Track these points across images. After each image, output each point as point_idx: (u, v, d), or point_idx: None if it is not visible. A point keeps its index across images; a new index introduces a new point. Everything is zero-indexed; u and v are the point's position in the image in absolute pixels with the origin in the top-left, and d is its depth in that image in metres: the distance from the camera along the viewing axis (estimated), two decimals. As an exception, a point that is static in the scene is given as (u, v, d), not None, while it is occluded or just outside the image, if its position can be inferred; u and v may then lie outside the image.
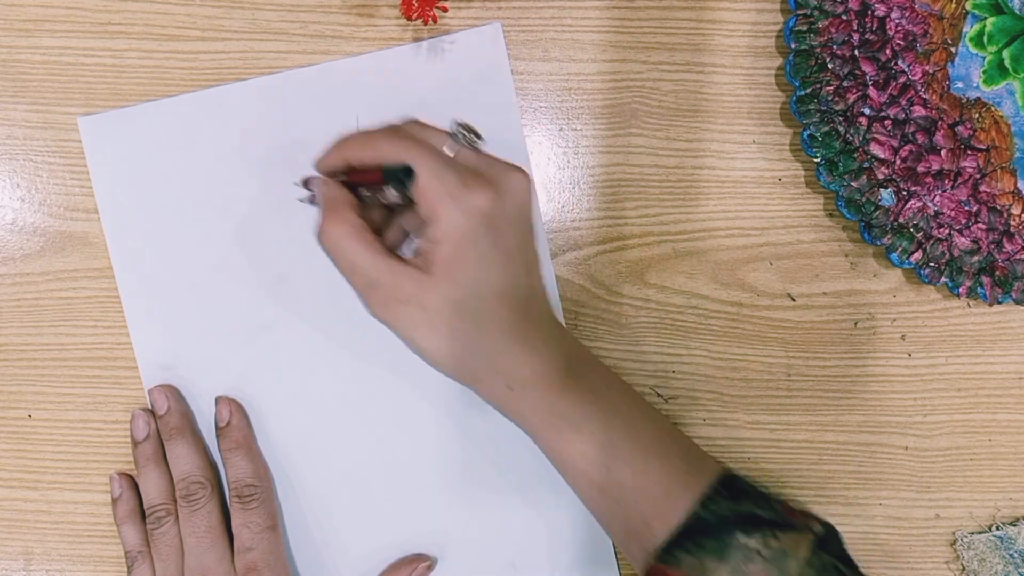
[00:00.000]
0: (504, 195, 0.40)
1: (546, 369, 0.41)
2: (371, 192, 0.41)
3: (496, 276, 0.39)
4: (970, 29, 0.45)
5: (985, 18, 0.45)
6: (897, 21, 0.44)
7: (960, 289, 0.47)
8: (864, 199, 0.46)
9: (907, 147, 0.45)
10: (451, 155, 0.40)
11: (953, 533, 0.49)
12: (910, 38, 0.45)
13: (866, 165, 0.46)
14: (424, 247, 0.40)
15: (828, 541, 0.41)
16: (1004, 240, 0.46)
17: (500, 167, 0.41)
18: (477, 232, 0.39)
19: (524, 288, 0.41)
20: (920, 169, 0.45)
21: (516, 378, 0.40)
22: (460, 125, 0.41)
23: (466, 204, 0.38)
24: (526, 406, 0.41)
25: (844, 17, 0.44)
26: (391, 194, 0.40)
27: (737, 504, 0.40)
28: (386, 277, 0.39)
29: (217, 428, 0.47)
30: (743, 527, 0.39)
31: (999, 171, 0.46)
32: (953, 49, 0.45)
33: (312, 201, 0.44)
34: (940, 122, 0.45)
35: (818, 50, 0.45)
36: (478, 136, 0.41)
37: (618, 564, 0.48)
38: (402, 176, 0.38)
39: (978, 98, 0.45)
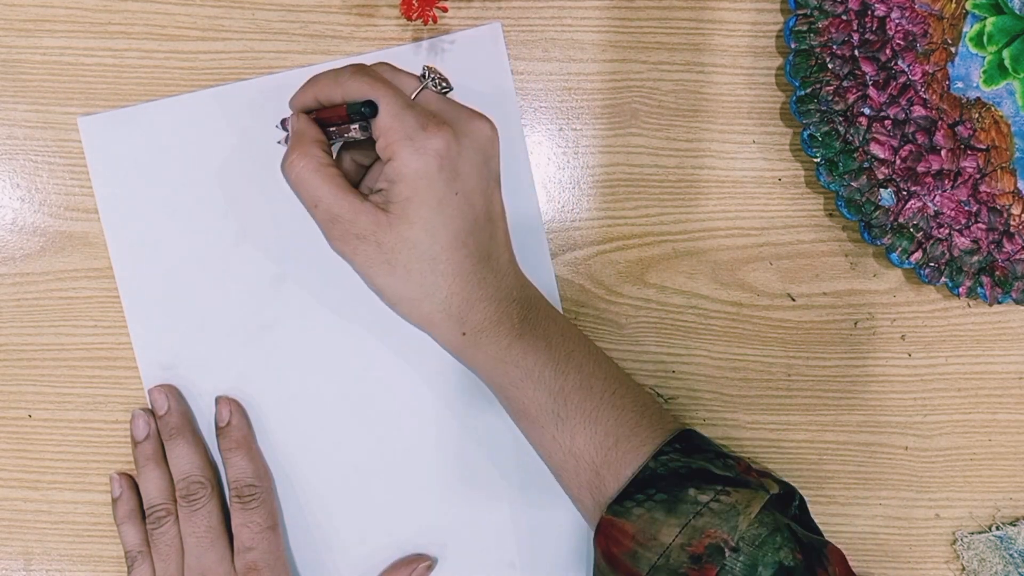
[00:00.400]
0: (463, 139, 0.40)
1: (500, 315, 0.41)
2: (337, 129, 0.42)
3: (453, 219, 0.40)
4: (970, 29, 0.45)
5: (985, 18, 0.45)
6: (897, 21, 0.44)
7: (960, 289, 0.47)
8: (864, 199, 0.46)
9: (907, 147, 0.45)
10: (413, 96, 0.41)
11: (953, 533, 0.49)
12: (910, 38, 0.45)
13: (866, 165, 0.46)
14: (383, 186, 0.40)
15: (784, 501, 0.41)
16: (1004, 240, 0.46)
17: (464, 113, 0.41)
18: (433, 174, 0.39)
19: (483, 233, 0.41)
20: (920, 169, 0.45)
21: (469, 323, 0.41)
22: (430, 69, 0.42)
23: (423, 145, 0.39)
24: (479, 352, 0.42)
25: (844, 17, 0.44)
26: (354, 130, 0.40)
27: (690, 459, 0.40)
28: (346, 212, 0.40)
29: (217, 428, 0.47)
30: (695, 482, 0.39)
31: (999, 171, 0.46)
32: (953, 49, 0.45)
33: (287, 141, 0.45)
34: (940, 122, 0.45)
35: (818, 50, 0.45)
36: (448, 85, 0.42)
37: (618, 564, 0.48)
38: (365, 111, 0.39)
39: (978, 98, 0.45)
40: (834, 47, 0.45)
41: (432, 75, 0.42)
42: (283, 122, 0.45)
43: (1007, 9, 0.44)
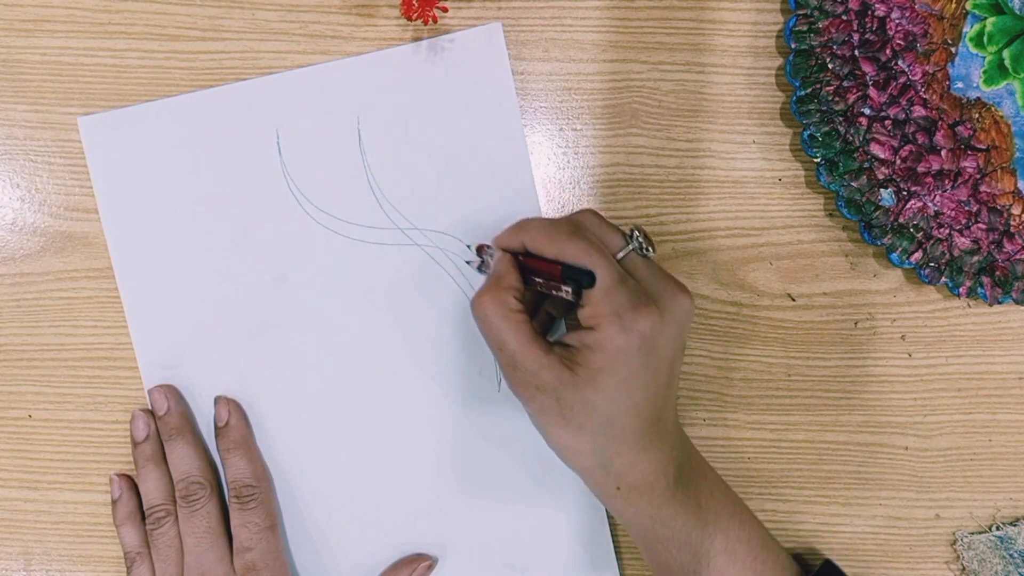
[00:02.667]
0: (666, 317, 0.40)
1: (657, 475, 0.41)
2: (543, 283, 0.41)
3: (638, 391, 0.40)
4: (970, 29, 0.45)
5: (985, 18, 0.45)
6: (897, 21, 0.44)
7: (960, 289, 0.47)
8: (864, 199, 0.46)
9: (907, 147, 0.45)
10: (619, 257, 0.41)
11: (953, 533, 0.49)
12: (910, 38, 0.45)
13: (866, 165, 0.46)
14: (576, 347, 0.40)
15: None
16: (1004, 240, 0.46)
17: (668, 287, 0.41)
18: (632, 352, 0.39)
19: (660, 400, 0.41)
20: (920, 169, 0.45)
21: (627, 480, 0.41)
22: (637, 229, 0.42)
23: (631, 325, 0.39)
24: (629, 507, 0.41)
25: (844, 17, 0.44)
26: (564, 292, 0.40)
27: None
28: (530, 364, 0.40)
29: (216, 428, 0.47)
30: None
31: (999, 171, 0.46)
32: (953, 49, 0.45)
33: (480, 268, 0.46)
34: (940, 122, 0.45)
35: (818, 50, 0.45)
36: (653, 247, 0.42)
37: (618, 564, 0.48)
38: (582, 280, 0.39)
39: (978, 98, 0.45)
40: (834, 47, 0.45)
41: (639, 237, 0.42)
42: (479, 249, 0.45)
43: (1007, 9, 0.44)
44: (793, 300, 0.48)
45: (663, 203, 0.48)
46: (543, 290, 0.41)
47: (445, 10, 0.46)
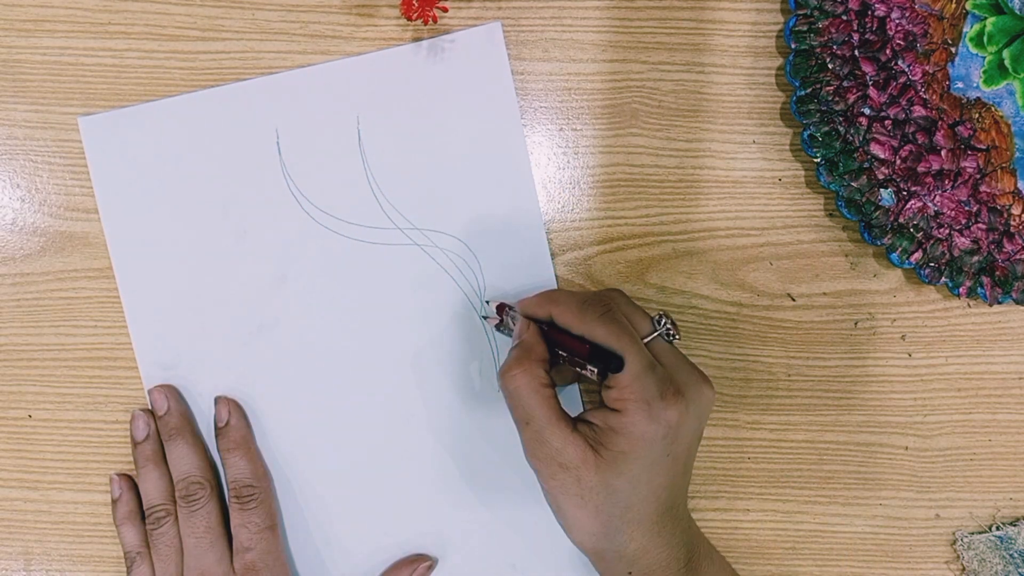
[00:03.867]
0: (691, 408, 0.40)
1: (669, 560, 0.41)
2: (569, 359, 0.41)
3: (657, 478, 0.40)
4: (970, 29, 0.45)
5: (985, 18, 0.45)
6: (897, 21, 0.44)
7: (960, 289, 0.47)
8: (864, 199, 0.46)
9: (907, 147, 0.45)
10: (646, 341, 0.42)
11: (953, 533, 0.49)
12: (910, 38, 0.45)
13: (866, 165, 0.46)
14: (601, 427, 0.40)
15: None
16: (1004, 240, 0.46)
17: (694, 377, 0.41)
18: (657, 440, 0.39)
19: (677, 487, 0.41)
20: (920, 169, 0.45)
21: (639, 565, 0.41)
22: (665, 315, 0.43)
23: (658, 414, 0.39)
24: None
25: (844, 17, 0.44)
26: (590, 372, 0.41)
27: None
28: (556, 441, 0.40)
29: (216, 428, 0.47)
30: None
31: (999, 171, 0.46)
32: (953, 49, 0.45)
33: (498, 327, 0.45)
34: (940, 122, 0.45)
35: (818, 50, 0.45)
36: (678, 332, 0.43)
37: (618, 564, 0.48)
38: (610, 364, 0.40)
39: (978, 98, 0.45)
40: (834, 47, 0.45)
41: (666, 324, 0.42)
42: (499, 308, 0.45)
43: (1007, 9, 0.44)
44: (793, 300, 0.48)
45: (663, 203, 0.48)
46: (569, 364, 0.42)
47: (445, 10, 0.46)
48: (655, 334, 0.42)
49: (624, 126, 0.47)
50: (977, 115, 0.45)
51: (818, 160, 0.46)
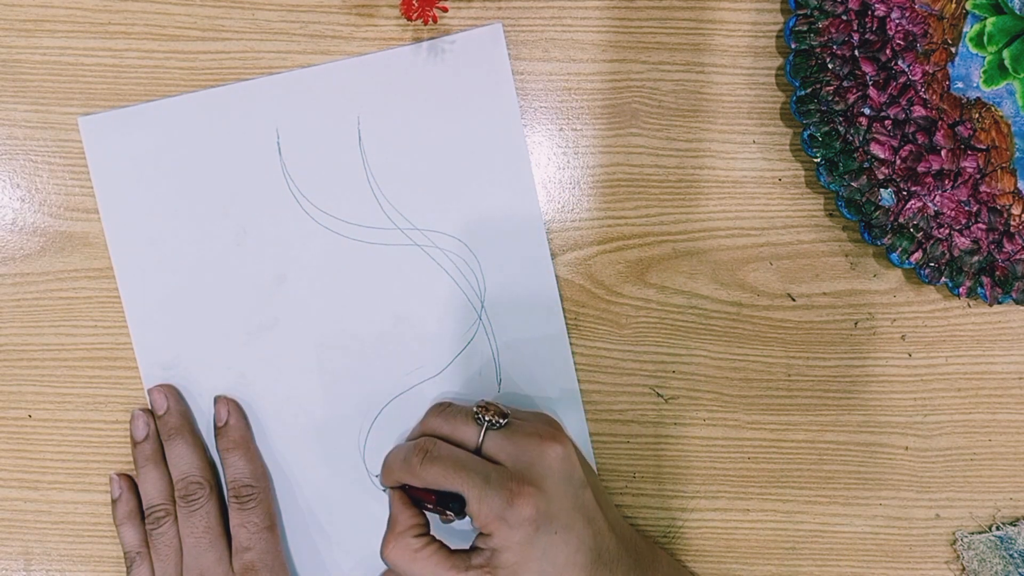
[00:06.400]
0: (545, 482, 0.41)
1: None
2: (433, 509, 0.43)
3: (560, 554, 0.41)
4: (970, 29, 0.45)
5: (985, 18, 0.45)
6: (897, 21, 0.44)
7: (960, 289, 0.47)
8: (864, 199, 0.46)
9: (907, 147, 0.45)
10: (479, 443, 0.42)
11: (953, 533, 0.49)
12: (910, 38, 0.45)
13: (866, 165, 0.46)
14: (487, 550, 0.41)
15: None
16: (1004, 240, 0.46)
17: (532, 451, 0.42)
18: (533, 535, 0.40)
19: (589, 538, 0.42)
20: (920, 169, 0.45)
21: None
22: (483, 409, 0.43)
23: (515, 519, 0.40)
24: None
25: (844, 17, 0.44)
26: (449, 515, 0.42)
27: None
28: None
29: (215, 428, 0.47)
30: None
31: (999, 171, 0.46)
32: (953, 49, 0.45)
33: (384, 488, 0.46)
34: (940, 122, 0.45)
35: (818, 50, 0.45)
36: (506, 416, 0.43)
37: (618, 564, 0.48)
38: (453, 504, 0.41)
39: (978, 98, 0.45)
40: (834, 47, 0.45)
41: (489, 415, 0.43)
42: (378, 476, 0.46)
43: (1007, 9, 0.44)
44: (793, 300, 0.48)
45: (663, 203, 0.48)
46: (435, 512, 0.43)
47: (445, 10, 0.46)
48: (482, 434, 0.42)
49: (624, 126, 0.47)
50: (977, 115, 0.45)
51: (818, 160, 0.46)
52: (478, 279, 0.47)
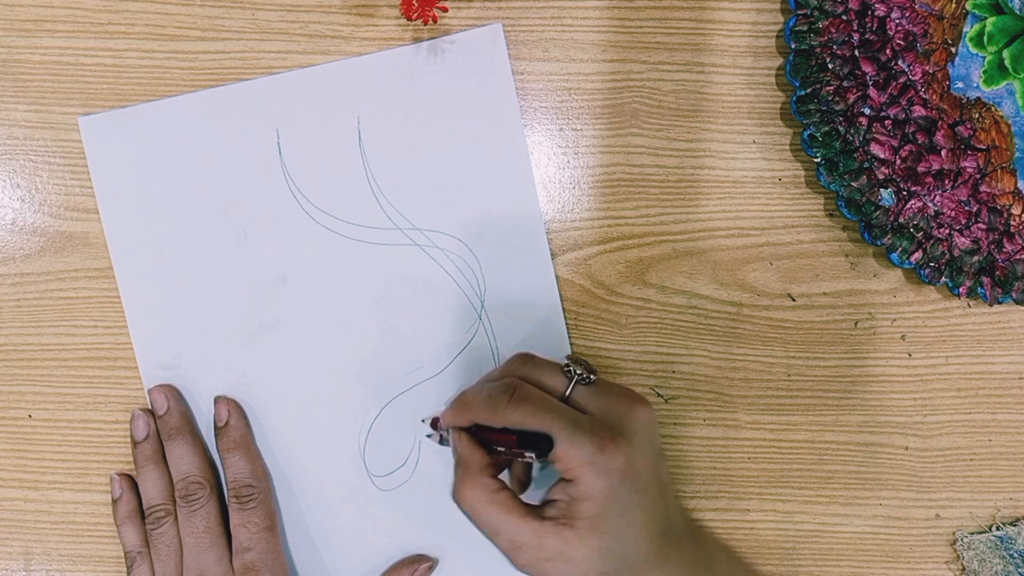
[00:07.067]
0: (634, 439, 0.40)
1: None
2: (507, 452, 0.41)
3: (638, 516, 0.40)
4: (970, 29, 0.45)
5: (985, 18, 0.45)
6: (897, 21, 0.44)
7: (960, 289, 0.47)
8: (864, 199, 0.46)
9: (907, 147, 0.45)
10: (567, 394, 0.41)
11: (953, 533, 0.49)
12: (910, 38, 0.45)
13: (866, 165, 0.46)
14: (566, 500, 0.40)
15: None
16: (1004, 240, 0.46)
17: (623, 407, 0.41)
18: (617, 488, 0.39)
19: (661, 510, 0.41)
20: (920, 169, 0.45)
21: None
22: (573, 360, 0.42)
23: (606, 468, 0.39)
24: None
25: (844, 17, 0.44)
26: (529, 457, 0.40)
27: None
28: (530, 539, 0.39)
29: (216, 428, 0.47)
30: None
31: (999, 171, 0.46)
32: (953, 49, 0.45)
33: (440, 442, 0.45)
34: (940, 122, 0.45)
35: (818, 50, 0.45)
36: (593, 371, 0.42)
37: (618, 564, 0.48)
38: (537, 446, 0.39)
39: (978, 98, 0.45)
40: (834, 47, 0.45)
41: (578, 368, 0.42)
42: (433, 422, 0.45)
43: (1007, 9, 0.44)
44: (793, 300, 0.48)
45: (663, 203, 0.48)
46: (508, 457, 0.41)
47: (445, 10, 0.46)
48: (571, 386, 0.41)
49: (624, 126, 0.47)
50: (977, 115, 0.45)
51: (818, 160, 0.46)
52: (478, 279, 0.47)
